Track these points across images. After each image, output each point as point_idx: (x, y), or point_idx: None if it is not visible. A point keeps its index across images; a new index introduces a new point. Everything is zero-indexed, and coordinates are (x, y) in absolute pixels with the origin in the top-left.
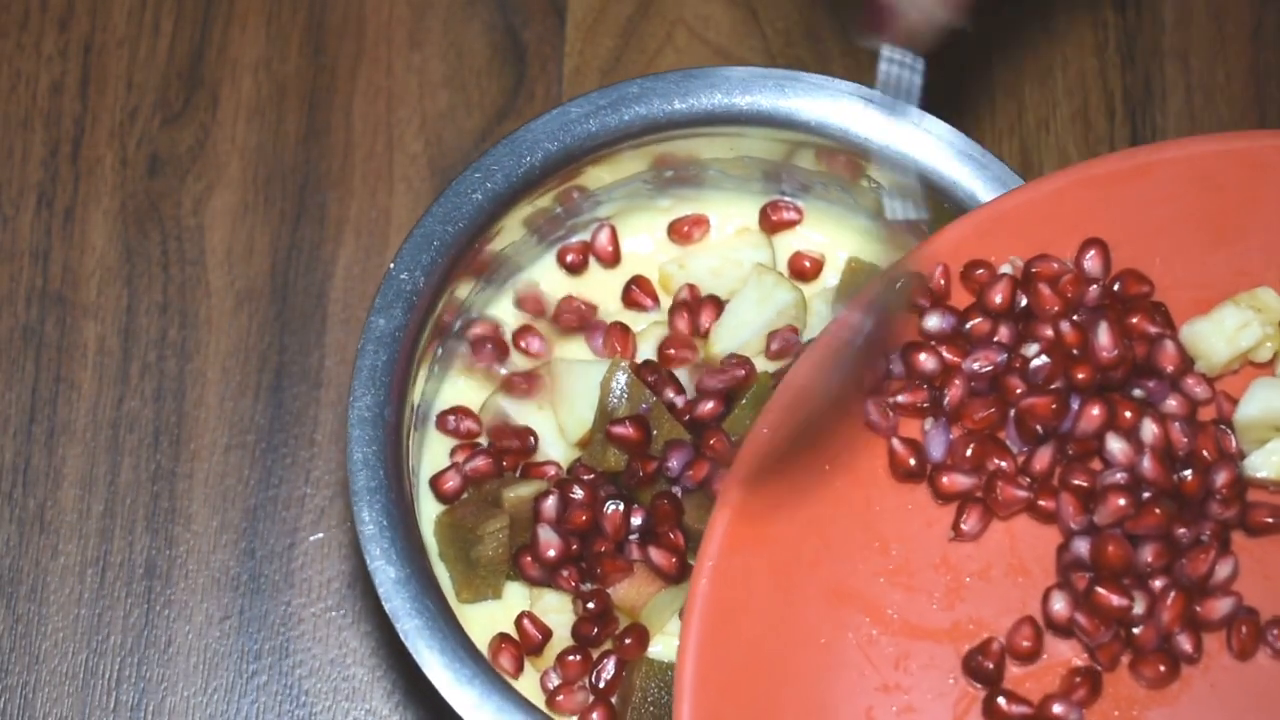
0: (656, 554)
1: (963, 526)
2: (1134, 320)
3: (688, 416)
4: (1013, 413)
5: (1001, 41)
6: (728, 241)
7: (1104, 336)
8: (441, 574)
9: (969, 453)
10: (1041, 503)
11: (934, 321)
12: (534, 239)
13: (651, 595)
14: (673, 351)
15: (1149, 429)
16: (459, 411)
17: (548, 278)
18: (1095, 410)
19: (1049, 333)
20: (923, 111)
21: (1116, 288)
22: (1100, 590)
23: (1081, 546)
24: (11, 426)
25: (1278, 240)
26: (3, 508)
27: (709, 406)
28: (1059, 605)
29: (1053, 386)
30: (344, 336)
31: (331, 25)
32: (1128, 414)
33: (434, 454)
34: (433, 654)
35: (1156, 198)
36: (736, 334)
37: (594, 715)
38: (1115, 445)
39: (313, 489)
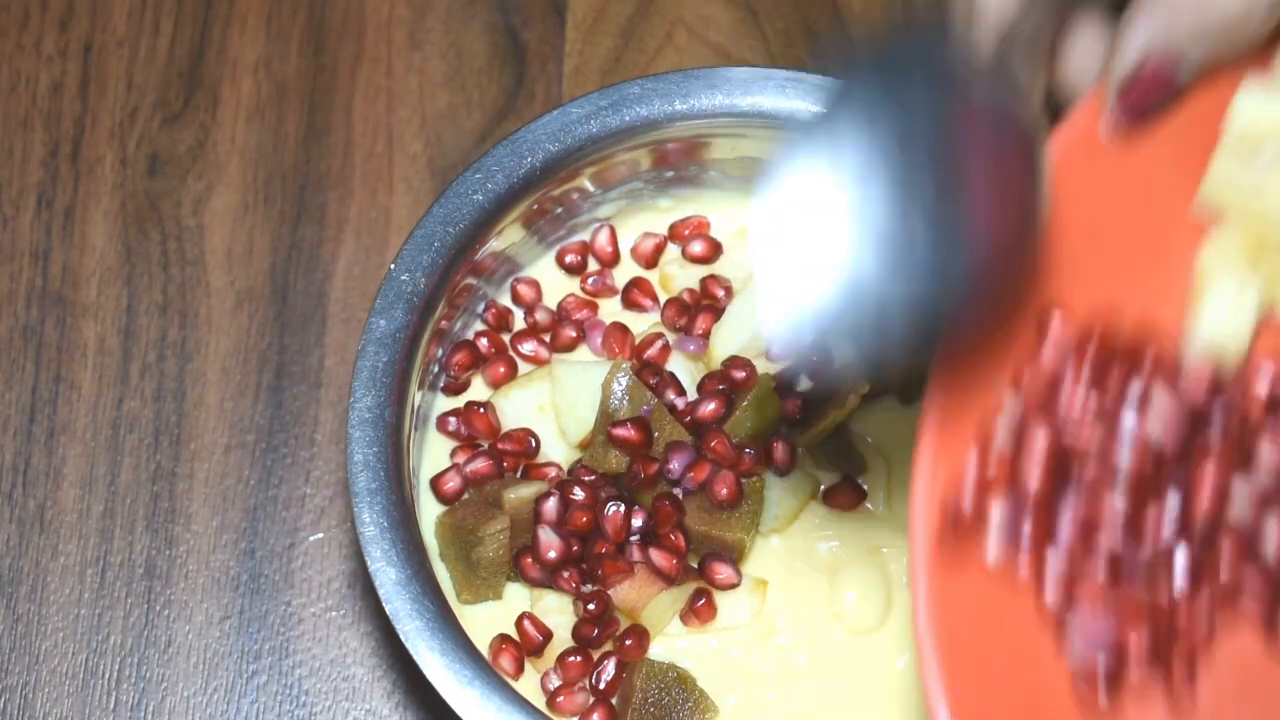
0: (657, 555)
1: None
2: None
3: (689, 418)
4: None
5: None
6: (728, 242)
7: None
8: (442, 575)
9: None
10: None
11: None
12: (534, 239)
13: (652, 596)
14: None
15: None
16: (459, 413)
17: (547, 278)
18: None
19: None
20: None
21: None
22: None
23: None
24: (11, 426)
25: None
26: (3, 508)
27: (710, 408)
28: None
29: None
30: (344, 336)
31: (331, 25)
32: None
33: (434, 455)
34: (433, 655)
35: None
36: (737, 335)
37: (594, 716)
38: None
39: (313, 489)
